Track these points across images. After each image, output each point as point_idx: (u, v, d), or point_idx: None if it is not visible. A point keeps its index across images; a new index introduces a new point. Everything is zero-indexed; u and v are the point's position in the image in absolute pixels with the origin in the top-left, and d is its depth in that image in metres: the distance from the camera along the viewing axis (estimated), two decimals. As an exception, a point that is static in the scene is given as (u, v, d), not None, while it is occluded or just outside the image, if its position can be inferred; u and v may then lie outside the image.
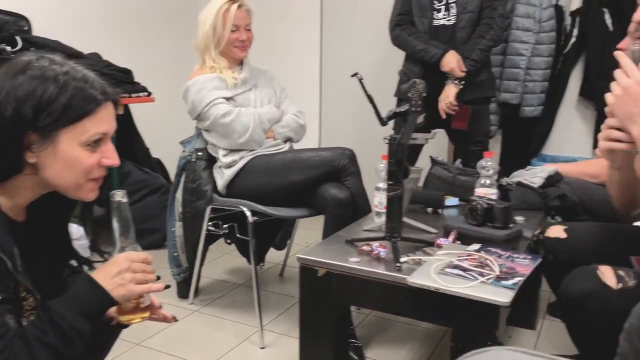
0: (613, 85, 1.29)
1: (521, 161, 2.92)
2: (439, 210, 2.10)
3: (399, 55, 2.71)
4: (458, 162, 2.38)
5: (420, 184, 2.33)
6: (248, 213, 2.09)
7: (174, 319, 1.17)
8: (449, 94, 2.51)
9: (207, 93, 2.18)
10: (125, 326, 1.11)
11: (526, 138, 3.09)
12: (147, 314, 1.10)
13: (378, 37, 3.13)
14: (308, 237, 2.90)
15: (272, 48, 3.75)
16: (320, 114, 3.74)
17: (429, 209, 2.11)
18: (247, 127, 2.16)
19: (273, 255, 2.76)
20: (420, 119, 1.54)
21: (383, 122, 1.60)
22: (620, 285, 1.35)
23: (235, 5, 2.24)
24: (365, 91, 1.59)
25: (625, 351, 1.13)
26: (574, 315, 1.44)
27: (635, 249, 1.57)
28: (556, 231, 1.65)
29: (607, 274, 1.37)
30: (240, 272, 2.77)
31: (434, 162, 2.33)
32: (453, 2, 2.52)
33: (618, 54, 1.31)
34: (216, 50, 2.26)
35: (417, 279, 1.37)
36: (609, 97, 1.30)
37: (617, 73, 1.28)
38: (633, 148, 1.28)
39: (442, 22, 2.57)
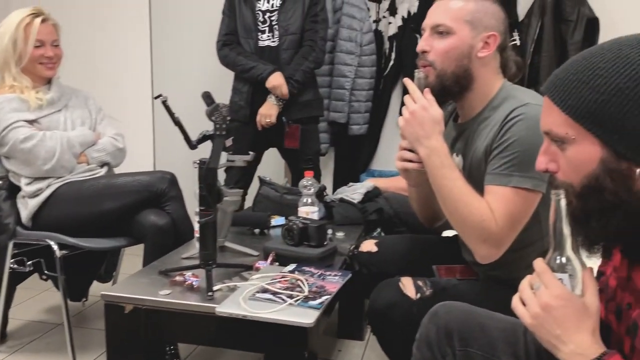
0: (403, 110, 1.38)
1: (352, 177, 3.05)
2: (266, 231, 2.10)
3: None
4: (285, 182, 2.41)
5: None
6: (55, 247, 1.90)
7: None
8: (271, 113, 2.54)
9: (5, 116, 1.96)
10: None
11: (355, 155, 3.23)
12: None
13: (213, 53, 3.09)
14: (137, 266, 2.72)
15: (98, 65, 3.53)
16: (153, 133, 3.58)
17: (256, 230, 2.10)
18: (53, 152, 1.97)
19: (99, 288, 2.54)
20: (228, 142, 1.51)
21: (192, 146, 1.55)
22: (419, 295, 1.43)
23: (38, 19, 2.05)
24: (171, 114, 1.52)
25: (417, 360, 1.20)
26: (381, 327, 1.50)
27: (438, 258, 1.69)
28: (368, 245, 1.72)
29: (407, 285, 1.45)
30: (59, 310, 2.51)
31: (262, 182, 2.33)
32: (276, 24, 2.57)
33: (406, 81, 1.40)
34: (17, 68, 2.05)
35: (225, 308, 1.34)
36: (400, 121, 1.39)
37: (406, 99, 1.38)
38: (423, 167, 1.39)
39: (267, 43, 2.60)
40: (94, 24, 3.54)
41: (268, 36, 2.61)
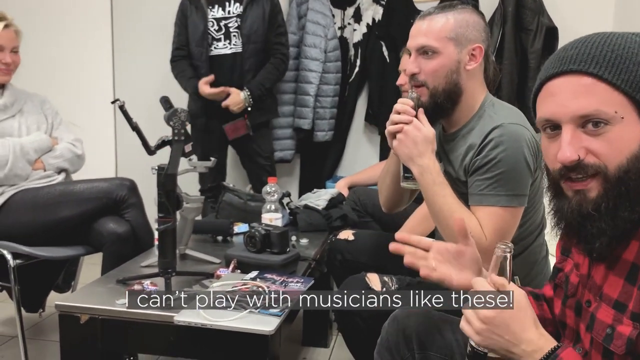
0: (391, 128, 1.38)
1: (318, 182, 3.04)
2: (229, 238, 2.07)
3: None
4: (248, 188, 2.39)
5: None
6: (9, 256, 1.84)
7: None
8: (238, 102, 2.60)
9: (-46, 123, 1.90)
10: None
11: (321, 161, 3.23)
12: None
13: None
14: (98, 275, 2.65)
15: (59, 70, 3.44)
16: (115, 139, 3.51)
17: (219, 238, 2.07)
18: (5, 160, 1.92)
19: (58, 299, 2.46)
20: (188, 147, 1.49)
21: (150, 152, 1.52)
22: (384, 290, 1.48)
23: (1, 24, 2.00)
24: (129, 119, 1.49)
25: (377, 365, 1.20)
26: (347, 322, 1.52)
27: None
28: (346, 234, 1.81)
29: (374, 280, 1.50)
30: (14, 322, 2.42)
31: (225, 189, 2.31)
32: (235, 31, 2.60)
33: (401, 101, 1.39)
34: (-29, 71, 1.99)
35: (184, 317, 1.31)
36: (392, 141, 1.38)
37: (396, 117, 1.37)
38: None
39: (223, 51, 2.65)
40: (56, 28, 3.45)
41: (225, 44, 2.63)
